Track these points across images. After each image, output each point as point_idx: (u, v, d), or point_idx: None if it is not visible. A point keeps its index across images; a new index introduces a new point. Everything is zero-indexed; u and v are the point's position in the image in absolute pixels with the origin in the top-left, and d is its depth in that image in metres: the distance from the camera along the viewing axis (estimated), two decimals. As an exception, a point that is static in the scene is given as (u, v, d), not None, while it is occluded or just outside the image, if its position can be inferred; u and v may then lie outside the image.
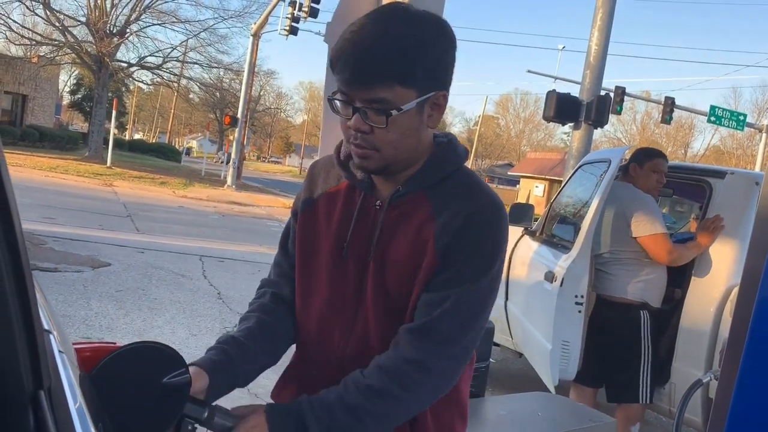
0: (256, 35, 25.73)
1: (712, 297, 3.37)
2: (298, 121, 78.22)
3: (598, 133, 8.82)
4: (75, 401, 0.66)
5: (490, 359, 3.53)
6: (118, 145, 32.04)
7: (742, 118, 24.24)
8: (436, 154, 1.23)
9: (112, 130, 24.99)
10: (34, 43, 27.80)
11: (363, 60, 1.09)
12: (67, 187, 15.59)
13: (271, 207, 19.74)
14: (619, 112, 20.21)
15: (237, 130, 25.38)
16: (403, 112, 1.11)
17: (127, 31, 27.67)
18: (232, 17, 29.23)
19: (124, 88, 44.94)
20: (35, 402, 0.52)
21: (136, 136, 64.14)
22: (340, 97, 1.15)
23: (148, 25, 28.86)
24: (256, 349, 1.25)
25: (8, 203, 0.49)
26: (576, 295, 3.38)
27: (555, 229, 4.41)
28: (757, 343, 1.59)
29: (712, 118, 23.29)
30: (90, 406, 0.78)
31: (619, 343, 3.38)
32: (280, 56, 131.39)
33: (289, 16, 21.49)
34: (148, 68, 29.34)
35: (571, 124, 8.14)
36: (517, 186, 43.43)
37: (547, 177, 37.08)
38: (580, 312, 3.38)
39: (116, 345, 1.07)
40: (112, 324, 5.20)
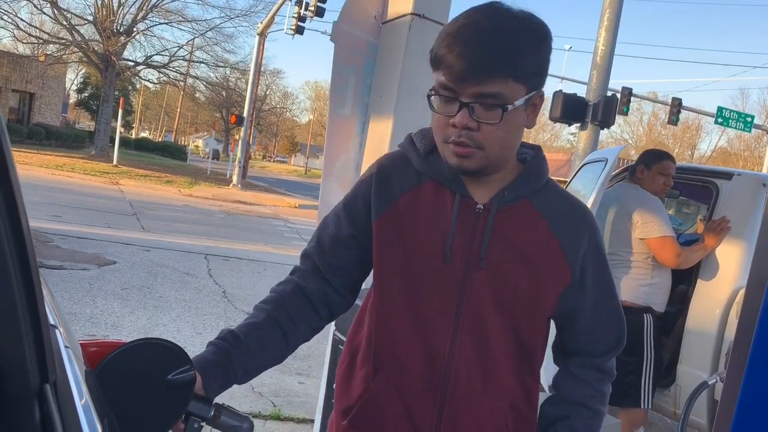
0: (263, 34, 25.77)
1: (718, 299, 3.35)
2: (304, 120, 78.32)
3: (604, 133, 8.79)
4: (80, 396, 0.67)
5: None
6: (125, 143, 32.16)
7: (749, 119, 24.14)
8: (537, 160, 1.23)
9: (119, 129, 25.10)
10: (42, 41, 27.93)
11: (479, 51, 1.06)
12: (74, 186, 15.65)
13: (276, 206, 19.77)
14: (625, 113, 20.17)
15: (243, 129, 25.42)
16: (514, 109, 1.09)
17: (134, 29, 27.78)
18: (238, 16, 29.41)
19: (130, 87, 45.11)
20: (41, 396, 0.52)
21: (143, 135, 64.33)
22: (444, 93, 1.10)
23: (155, 24, 29.01)
24: (257, 347, 1.20)
25: (15, 200, 0.49)
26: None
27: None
28: (763, 345, 1.58)
29: (720, 120, 23.19)
30: (95, 402, 0.78)
31: None
32: (286, 56, 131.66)
33: (296, 15, 21.50)
34: (155, 67, 29.45)
35: (578, 125, 8.12)
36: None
37: (553, 177, 36.98)
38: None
39: (122, 342, 1.07)
40: (118, 322, 5.22)
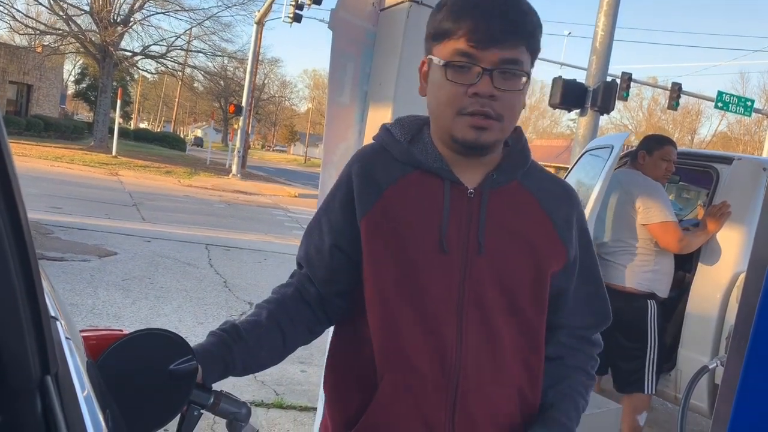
0: (260, 23, 25.64)
1: (718, 283, 3.36)
2: (303, 109, 78.11)
3: (604, 119, 8.71)
4: (82, 387, 0.67)
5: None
6: (123, 134, 32.10)
7: (749, 103, 24.07)
8: (521, 141, 1.20)
9: (117, 120, 25.05)
10: (38, 32, 27.84)
11: (506, 15, 1.04)
12: (73, 177, 15.63)
13: (276, 196, 19.76)
14: (625, 99, 20.12)
15: (241, 118, 25.36)
16: (528, 80, 1.09)
17: (131, 19, 27.64)
18: (235, 5, 29.17)
19: (128, 78, 44.93)
20: (42, 387, 0.53)
21: (141, 126, 64.21)
22: (464, 61, 1.06)
23: (152, 14, 28.88)
24: (257, 345, 1.19)
25: (13, 192, 0.49)
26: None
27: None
28: (763, 329, 1.59)
29: (720, 104, 23.13)
30: (97, 393, 0.78)
31: (626, 333, 3.36)
32: (284, 44, 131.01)
33: (293, 3, 21.40)
34: (153, 57, 29.34)
35: (577, 111, 8.09)
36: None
37: (553, 164, 36.94)
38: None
39: (123, 332, 1.07)
40: (120, 312, 5.24)
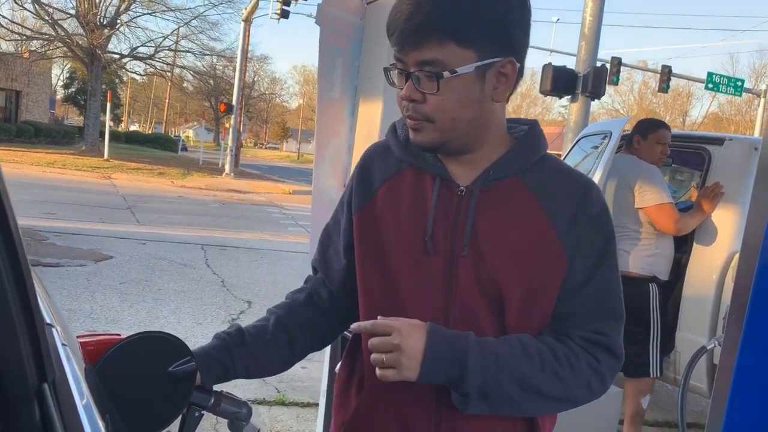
0: (248, 20, 25.52)
1: (714, 264, 3.37)
2: (294, 105, 77.89)
3: (595, 104, 8.75)
4: (80, 393, 0.67)
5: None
6: (115, 137, 31.96)
7: (739, 83, 24.12)
8: (529, 135, 1.14)
9: (108, 123, 24.93)
10: (25, 38, 27.64)
11: (413, 15, 1.00)
12: (66, 182, 15.57)
13: (270, 193, 19.73)
14: (616, 83, 20.14)
15: (233, 117, 25.27)
16: (458, 76, 1.00)
17: (118, 21, 27.46)
18: (222, 3, 28.96)
19: (117, 80, 44.67)
20: (40, 395, 0.52)
21: (132, 128, 63.93)
22: (395, 66, 1.07)
23: (139, 15, 28.70)
24: (260, 351, 1.18)
25: (1, 199, 0.49)
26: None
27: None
28: (759, 308, 1.60)
29: (710, 85, 23.17)
30: (96, 399, 0.78)
31: (629, 318, 3.37)
32: (272, 41, 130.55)
33: (280, -1, 21.30)
34: (141, 59, 29.17)
35: (569, 97, 8.09)
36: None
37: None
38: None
39: (120, 336, 1.07)
40: (118, 316, 5.23)
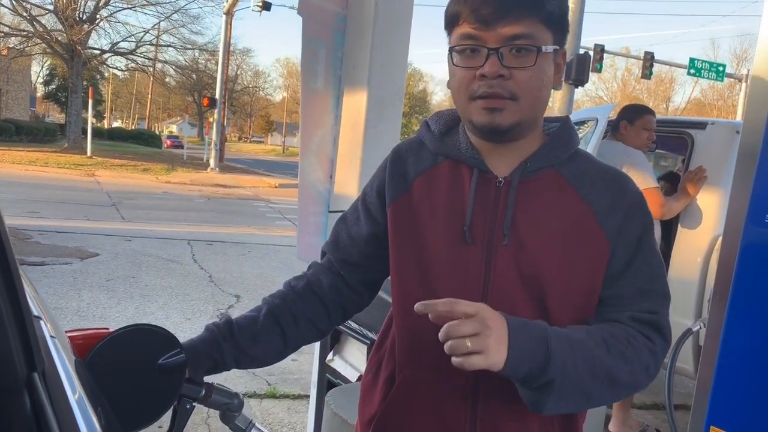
0: (229, 13, 25.33)
1: (698, 247, 3.41)
2: (278, 98, 77.52)
3: (579, 92, 8.77)
4: (71, 384, 0.67)
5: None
6: (97, 134, 31.65)
7: (721, 68, 24.31)
8: (564, 129, 1.14)
9: (90, 120, 24.66)
10: (2, 34, 27.23)
11: None
12: (49, 180, 15.42)
13: (256, 187, 19.66)
14: (599, 70, 20.19)
15: (216, 111, 25.12)
16: (545, 54, 1.02)
17: (97, 16, 27.18)
18: (203, -4, 28.73)
19: (98, 76, 44.20)
20: (30, 385, 0.52)
21: (115, 124, 63.35)
22: (468, 44, 1.03)
23: (118, 10, 28.48)
24: (249, 343, 1.17)
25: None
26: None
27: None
28: (741, 289, 1.61)
29: (692, 71, 23.34)
30: (87, 391, 0.78)
31: None
32: (254, 34, 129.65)
33: (262, -9, 21.15)
34: (122, 54, 28.92)
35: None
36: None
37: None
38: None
39: (109, 330, 1.06)
40: (105, 313, 5.20)
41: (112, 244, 7.95)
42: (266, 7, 21.31)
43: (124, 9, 28.88)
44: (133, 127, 60.22)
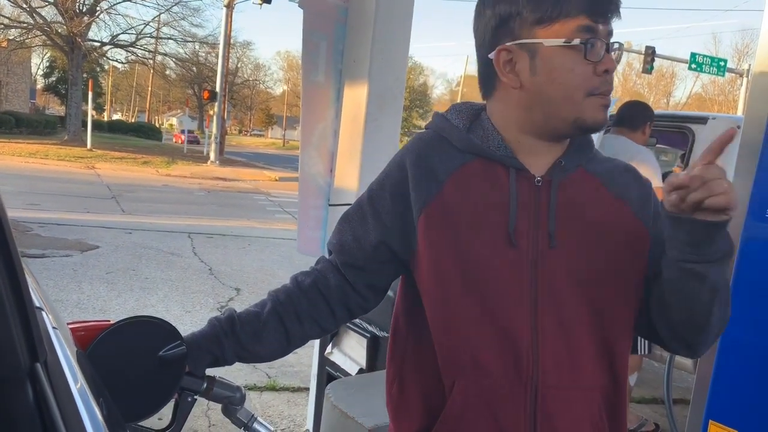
0: (230, 6, 25.25)
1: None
2: (278, 92, 77.36)
3: (579, 86, 8.68)
4: (73, 375, 0.67)
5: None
6: (97, 126, 31.63)
7: (722, 63, 24.26)
8: None
9: (90, 112, 24.64)
10: (2, 26, 27.16)
11: None
12: (49, 172, 15.42)
13: (256, 180, 19.66)
14: (599, 65, 20.14)
15: (216, 104, 25.08)
16: None
17: (98, 8, 27.11)
18: (203, -11, 28.64)
19: (98, 69, 44.07)
20: (33, 375, 0.53)
21: (115, 117, 63.25)
22: (589, 37, 0.99)
23: (119, 2, 28.29)
24: (251, 339, 1.15)
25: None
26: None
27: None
28: (741, 284, 1.62)
29: (693, 66, 23.28)
30: (89, 382, 0.78)
31: None
32: (255, 26, 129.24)
33: (262, -16, 21.06)
34: (122, 46, 28.85)
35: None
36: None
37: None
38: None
39: (110, 322, 1.07)
40: (105, 306, 5.21)
41: (112, 237, 7.95)
42: (267, 0, 21.22)
43: (125, 1, 28.70)
44: (134, 120, 60.18)
